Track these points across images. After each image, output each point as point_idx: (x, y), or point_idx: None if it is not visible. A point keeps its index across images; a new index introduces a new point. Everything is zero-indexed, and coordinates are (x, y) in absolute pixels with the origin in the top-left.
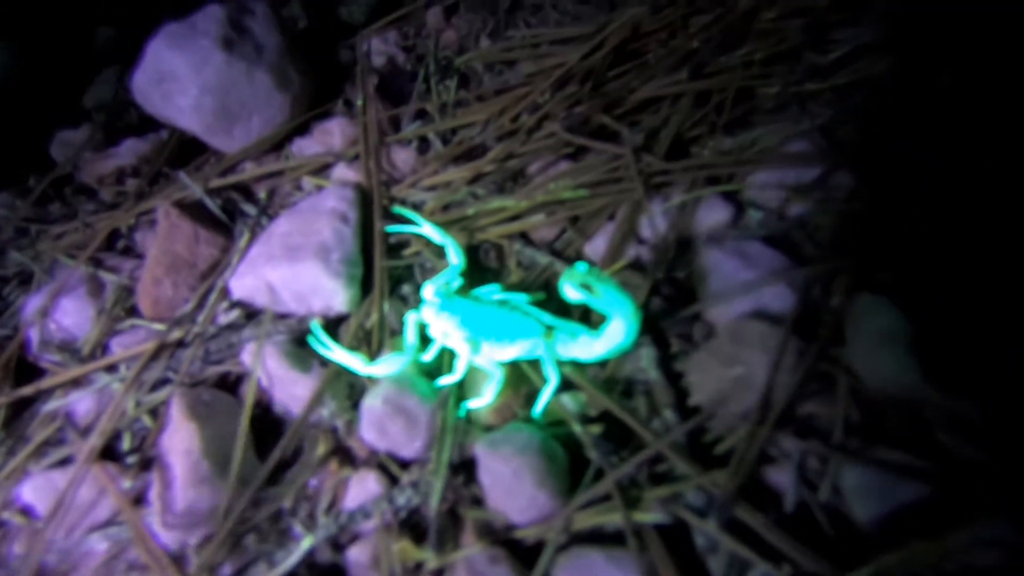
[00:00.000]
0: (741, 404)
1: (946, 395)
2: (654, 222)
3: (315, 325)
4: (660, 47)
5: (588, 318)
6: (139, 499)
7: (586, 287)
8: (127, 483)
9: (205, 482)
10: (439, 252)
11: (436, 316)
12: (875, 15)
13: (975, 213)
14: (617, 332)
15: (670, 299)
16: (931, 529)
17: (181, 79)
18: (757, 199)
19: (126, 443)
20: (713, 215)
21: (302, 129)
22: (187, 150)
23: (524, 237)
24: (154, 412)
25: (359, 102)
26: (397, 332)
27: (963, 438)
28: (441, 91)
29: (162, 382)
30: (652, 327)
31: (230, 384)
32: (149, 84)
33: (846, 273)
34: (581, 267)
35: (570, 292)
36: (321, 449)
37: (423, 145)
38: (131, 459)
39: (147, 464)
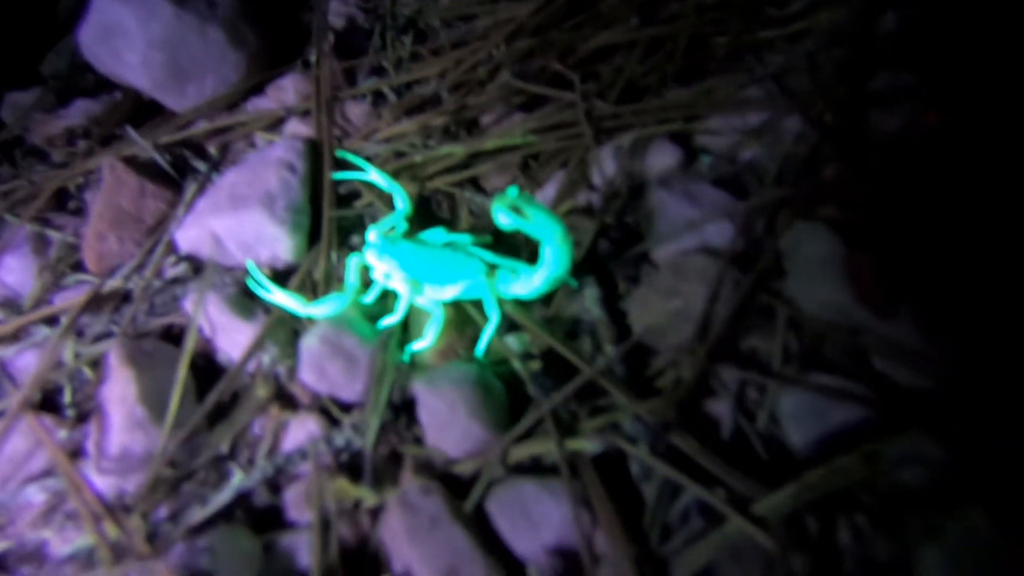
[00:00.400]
0: (679, 335)
1: (881, 320)
2: (602, 166)
3: (251, 265)
4: None
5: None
6: (77, 451)
7: (516, 211)
8: (63, 433)
9: (139, 427)
10: (391, 202)
11: (378, 258)
12: None
13: (917, 151)
14: (551, 257)
15: (618, 242)
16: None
17: (128, 33)
18: (708, 145)
19: (67, 396)
20: (663, 159)
21: (259, 89)
22: (142, 111)
23: (475, 185)
24: (95, 364)
25: (312, 58)
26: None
27: (897, 361)
28: (397, 46)
29: (105, 335)
30: (600, 268)
31: (174, 336)
32: (96, 40)
33: (788, 206)
34: (512, 191)
35: (501, 218)
36: (261, 393)
37: (378, 100)
38: (70, 411)
39: (85, 416)
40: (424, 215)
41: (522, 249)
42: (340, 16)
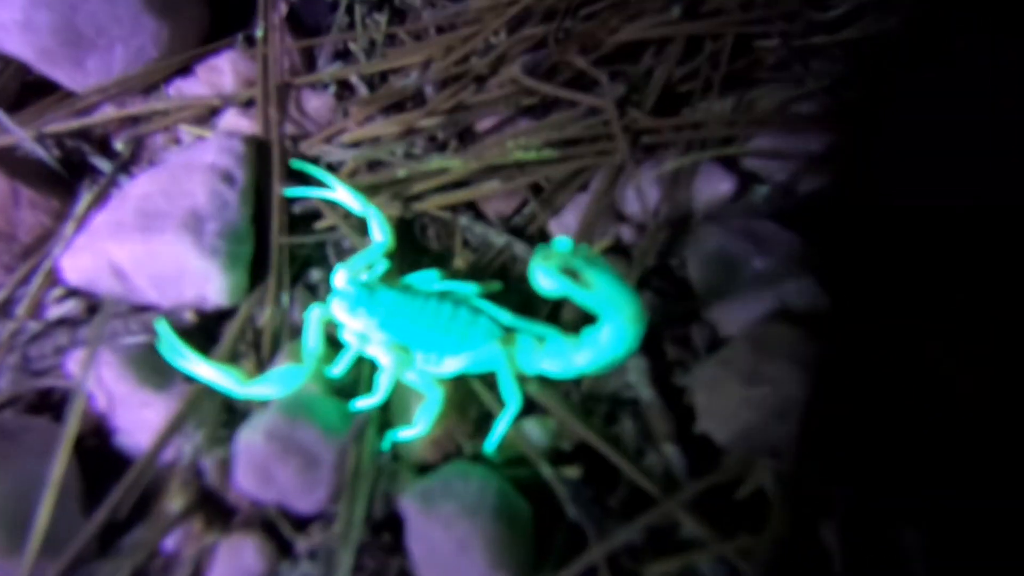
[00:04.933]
0: (768, 435)
1: None
2: (642, 193)
3: (161, 323)
4: None
5: (557, 317)
6: None
7: (570, 273)
8: None
9: None
10: (361, 226)
11: (350, 312)
12: None
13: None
14: (611, 338)
15: (662, 293)
16: None
17: None
18: (758, 170)
19: None
20: (712, 187)
21: (186, 69)
22: (28, 90)
23: (473, 209)
24: None
25: (259, 32)
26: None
27: None
28: (369, 25)
29: None
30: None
31: (54, 405)
32: None
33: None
34: (562, 244)
35: (545, 281)
36: (178, 500)
37: (343, 91)
38: None
39: None
40: (404, 243)
41: (538, 304)
42: None
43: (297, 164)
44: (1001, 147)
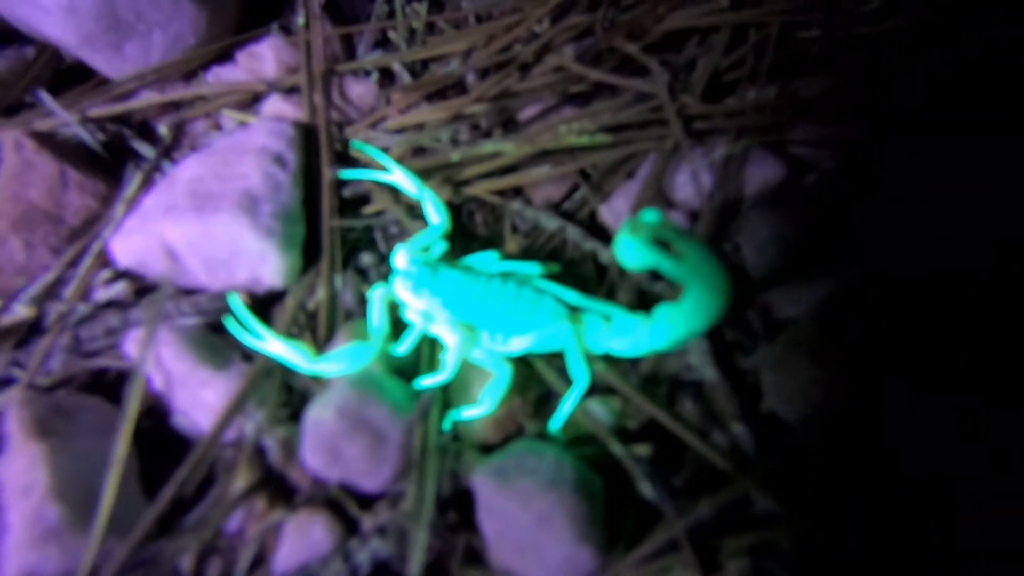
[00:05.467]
0: (839, 414)
1: None
2: (697, 178)
3: (233, 299)
4: None
5: (612, 299)
6: None
7: (661, 244)
8: None
9: (53, 537)
10: (411, 211)
11: (414, 292)
12: None
13: None
14: (697, 308)
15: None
16: None
17: None
18: (807, 157)
19: None
20: (764, 173)
21: (224, 57)
22: (65, 76)
23: (520, 195)
24: None
25: (300, 20)
26: (354, 316)
27: None
28: (408, 13)
29: (0, 383)
30: None
31: (108, 385)
32: None
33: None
34: (651, 215)
35: (632, 253)
36: (242, 480)
37: (385, 78)
38: None
39: None
40: (454, 230)
41: (592, 284)
42: None
43: (357, 144)
44: None
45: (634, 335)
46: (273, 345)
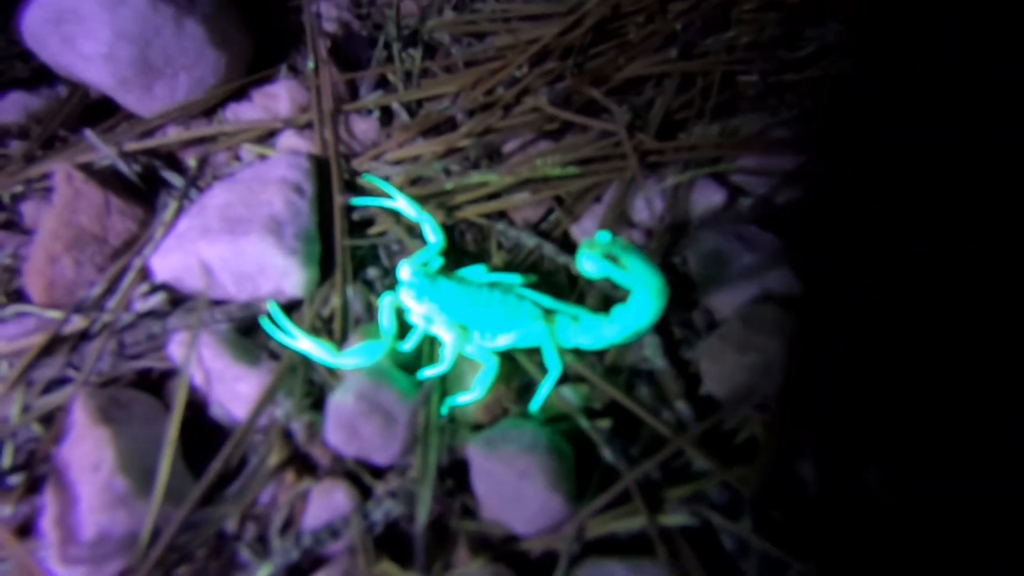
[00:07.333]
0: (757, 392)
1: None
2: (651, 203)
3: (273, 305)
4: (640, 28)
5: (581, 302)
6: (25, 528)
7: (611, 258)
8: (7, 509)
9: (121, 503)
10: (410, 232)
11: (416, 299)
12: (838, 18)
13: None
14: (641, 308)
15: (668, 286)
16: None
17: (88, 20)
18: (744, 184)
19: (6, 459)
20: (709, 198)
21: (239, 95)
22: (93, 112)
23: (504, 217)
24: (48, 419)
25: (310, 65)
26: (362, 321)
27: None
28: (404, 59)
29: (59, 382)
30: None
31: (152, 382)
32: (46, 24)
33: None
34: (604, 236)
35: (589, 266)
36: (274, 458)
37: (385, 116)
38: (14, 479)
39: (36, 484)
40: (447, 248)
41: (565, 292)
42: (331, 21)
43: (367, 177)
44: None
45: (596, 332)
46: (303, 343)
